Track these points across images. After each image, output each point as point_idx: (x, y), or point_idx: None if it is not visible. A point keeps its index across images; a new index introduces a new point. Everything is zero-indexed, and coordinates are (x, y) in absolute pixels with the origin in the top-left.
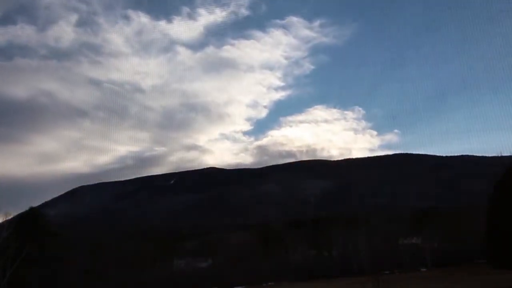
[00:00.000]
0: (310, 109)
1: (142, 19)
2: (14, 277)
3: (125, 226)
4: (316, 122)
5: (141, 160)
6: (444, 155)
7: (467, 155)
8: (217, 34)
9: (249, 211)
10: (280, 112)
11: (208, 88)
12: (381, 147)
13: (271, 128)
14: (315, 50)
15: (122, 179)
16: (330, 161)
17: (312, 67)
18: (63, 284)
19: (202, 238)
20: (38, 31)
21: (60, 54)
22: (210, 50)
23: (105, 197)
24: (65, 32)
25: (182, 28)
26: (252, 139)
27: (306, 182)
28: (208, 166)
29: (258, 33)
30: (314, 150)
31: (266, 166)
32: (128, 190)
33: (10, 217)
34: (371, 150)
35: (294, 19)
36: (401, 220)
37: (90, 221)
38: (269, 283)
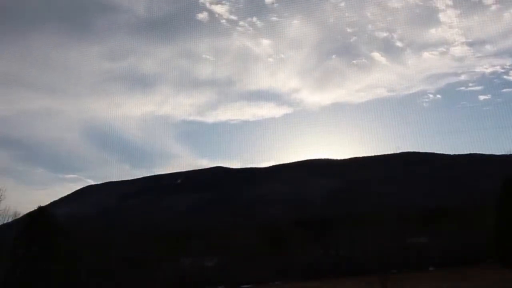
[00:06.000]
0: None
1: None
2: (23, 276)
3: (132, 225)
4: None
5: None
6: (452, 153)
7: (475, 154)
8: None
9: (255, 211)
10: None
11: None
12: None
13: None
14: None
15: (129, 178)
16: (337, 160)
17: None
18: (71, 283)
19: (209, 237)
20: None
21: None
22: None
23: (113, 196)
24: None
25: None
26: None
27: (313, 181)
28: (214, 166)
29: None
30: None
31: (273, 165)
32: (135, 189)
33: (19, 217)
34: None
35: None
36: (408, 219)
37: (98, 221)
38: (276, 282)
